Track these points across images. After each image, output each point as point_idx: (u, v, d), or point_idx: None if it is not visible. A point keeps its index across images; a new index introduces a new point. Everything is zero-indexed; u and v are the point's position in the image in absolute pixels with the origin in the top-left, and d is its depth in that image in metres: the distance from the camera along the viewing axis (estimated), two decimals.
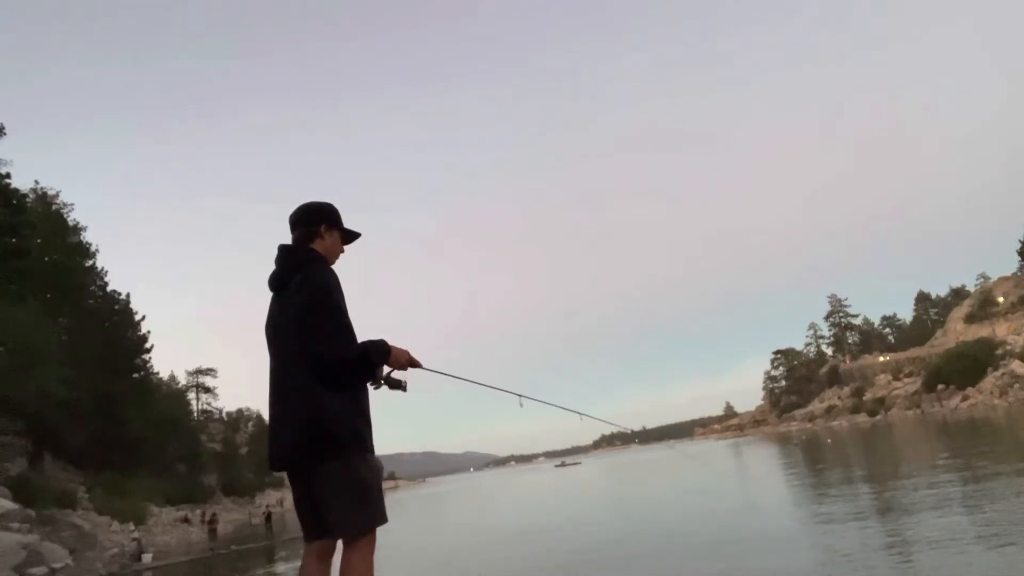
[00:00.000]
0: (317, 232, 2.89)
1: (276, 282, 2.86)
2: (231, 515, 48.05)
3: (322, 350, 2.61)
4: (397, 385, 2.85)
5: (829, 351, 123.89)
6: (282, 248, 2.91)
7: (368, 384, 2.81)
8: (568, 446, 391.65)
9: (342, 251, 3.01)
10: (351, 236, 3.03)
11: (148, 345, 49.68)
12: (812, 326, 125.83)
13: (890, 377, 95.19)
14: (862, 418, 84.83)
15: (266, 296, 2.94)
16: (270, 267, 2.95)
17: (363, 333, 2.80)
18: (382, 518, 2.69)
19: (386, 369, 2.81)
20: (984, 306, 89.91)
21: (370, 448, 2.72)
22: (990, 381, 69.67)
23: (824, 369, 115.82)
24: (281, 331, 2.77)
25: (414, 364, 2.89)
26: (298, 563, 2.80)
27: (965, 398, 70.09)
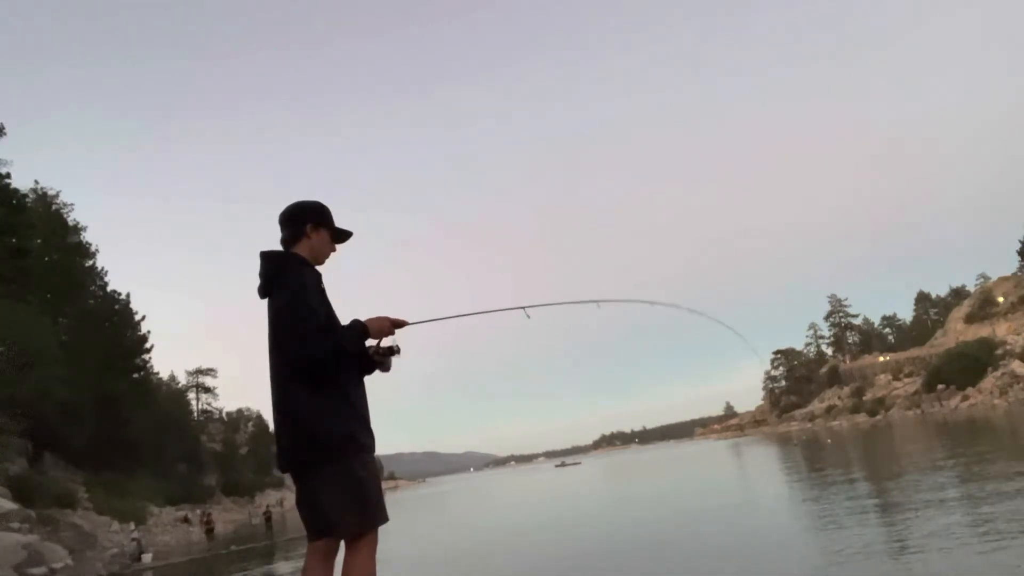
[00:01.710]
0: (303, 232, 2.85)
1: (261, 290, 2.85)
2: (231, 515, 48.11)
3: (295, 352, 2.60)
4: (390, 353, 2.81)
5: (829, 351, 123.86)
6: (262, 255, 2.87)
7: (377, 369, 2.81)
8: (568, 446, 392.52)
9: (333, 250, 2.96)
10: (342, 235, 2.97)
11: (148, 345, 49.86)
12: (812, 326, 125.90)
13: (890, 377, 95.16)
14: (862, 418, 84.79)
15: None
16: None
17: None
18: (382, 518, 2.69)
19: (372, 342, 2.78)
20: (984, 306, 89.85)
21: (367, 448, 2.71)
22: (990, 381, 69.64)
23: (824, 369, 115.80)
24: (269, 337, 2.77)
25: (399, 324, 2.84)
26: (298, 563, 2.80)
27: (965, 398, 70.05)
